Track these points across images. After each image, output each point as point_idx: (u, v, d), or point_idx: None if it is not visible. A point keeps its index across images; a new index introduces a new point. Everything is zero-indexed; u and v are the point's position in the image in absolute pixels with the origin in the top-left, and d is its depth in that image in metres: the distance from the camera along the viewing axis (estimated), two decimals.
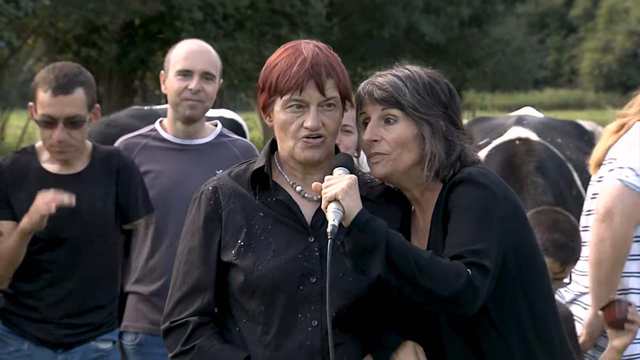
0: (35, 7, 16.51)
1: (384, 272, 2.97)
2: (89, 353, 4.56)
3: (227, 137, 4.96)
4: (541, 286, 3.24)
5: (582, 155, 7.25)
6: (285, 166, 3.26)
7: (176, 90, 4.76)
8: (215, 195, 3.24)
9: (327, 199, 3.00)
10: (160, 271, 4.74)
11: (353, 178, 3.04)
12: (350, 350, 3.15)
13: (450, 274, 2.98)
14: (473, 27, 31.40)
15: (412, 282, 2.98)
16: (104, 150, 4.62)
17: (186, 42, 4.90)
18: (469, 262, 3.01)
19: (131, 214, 4.61)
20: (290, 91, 3.13)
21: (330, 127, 3.17)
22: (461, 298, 2.99)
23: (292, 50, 3.19)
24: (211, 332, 3.18)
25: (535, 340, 3.17)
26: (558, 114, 39.66)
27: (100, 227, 4.50)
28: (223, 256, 3.19)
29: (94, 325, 4.54)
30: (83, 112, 4.41)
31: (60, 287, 4.47)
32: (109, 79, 22.48)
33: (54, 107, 4.37)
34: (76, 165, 4.53)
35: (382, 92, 3.20)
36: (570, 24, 68.85)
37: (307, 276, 3.14)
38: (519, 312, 3.16)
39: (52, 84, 4.38)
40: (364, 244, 2.98)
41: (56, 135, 4.38)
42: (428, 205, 3.24)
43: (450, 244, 3.07)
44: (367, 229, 2.98)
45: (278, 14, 22.27)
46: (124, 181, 4.56)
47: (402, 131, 3.20)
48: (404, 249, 3.00)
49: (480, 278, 3.01)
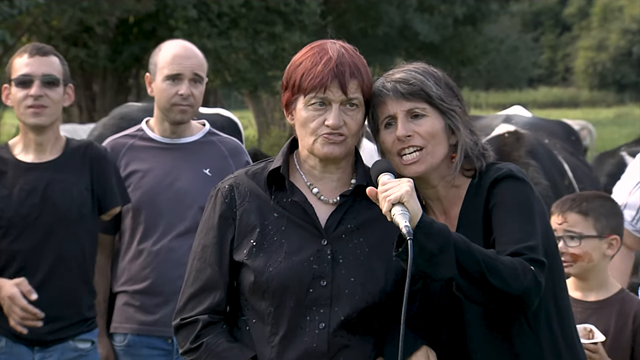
0: (29, 6, 16.49)
1: (455, 274, 2.94)
2: (67, 352, 4.55)
3: (215, 135, 4.95)
4: (563, 282, 3.27)
5: (569, 156, 7.29)
6: (304, 165, 3.25)
7: (166, 95, 4.74)
8: (231, 193, 3.24)
9: (391, 201, 2.95)
10: (147, 271, 4.73)
11: (412, 181, 3.02)
12: (357, 353, 3.15)
13: (518, 272, 2.97)
14: (467, 25, 31.36)
15: (481, 282, 2.95)
16: (77, 142, 4.67)
17: (171, 45, 4.85)
18: (529, 259, 3.01)
19: (107, 203, 4.61)
20: (314, 90, 3.13)
21: (351, 127, 3.16)
22: (529, 294, 2.99)
23: (318, 49, 3.18)
24: (220, 331, 3.19)
25: (561, 337, 3.19)
26: (552, 112, 39.72)
27: (74, 213, 4.50)
28: (235, 255, 3.20)
29: (72, 321, 4.53)
30: (59, 75, 4.50)
31: (33, 276, 4.44)
32: (103, 77, 22.46)
33: (31, 66, 4.48)
34: (49, 154, 4.56)
35: (409, 86, 3.18)
36: (564, 22, 68.84)
37: (317, 279, 3.13)
38: (548, 310, 3.17)
39: (28, 49, 4.53)
40: (431, 247, 2.92)
41: (33, 91, 4.45)
42: (453, 202, 3.23)
43: (504, 241, 3.06)
44: (433, 231, 2.94)
45: (272, 12, 22.23)
46: (98, 170, 4.58)
47: (433, 123, 3.18)
48: (470, 249, 2.97)
49: (541, 273, 3.01)
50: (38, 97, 4.45)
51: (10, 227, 4.46)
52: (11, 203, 4.47)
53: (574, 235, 4.07)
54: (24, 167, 4.53)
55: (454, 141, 3.23)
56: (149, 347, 4.78)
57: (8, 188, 4.48)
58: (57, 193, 4.49)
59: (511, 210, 3.10)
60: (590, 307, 4.00)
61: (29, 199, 4.47)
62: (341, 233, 3.18)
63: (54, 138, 4.57)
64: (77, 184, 4.54)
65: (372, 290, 3.14)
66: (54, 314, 4.48)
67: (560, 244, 4.04)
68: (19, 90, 4.48)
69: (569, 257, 4.05)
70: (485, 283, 2.96)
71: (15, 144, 4.61)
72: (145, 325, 4.76)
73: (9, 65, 4.56)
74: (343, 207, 3.21)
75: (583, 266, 4.08)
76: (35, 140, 4.55)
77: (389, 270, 3.16)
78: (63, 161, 4.56)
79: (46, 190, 4.48)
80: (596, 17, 63.71)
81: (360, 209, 3.21)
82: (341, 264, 3.15)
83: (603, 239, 4.10)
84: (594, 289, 4.09)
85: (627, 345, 4.01)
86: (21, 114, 4.51)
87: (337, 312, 3.13)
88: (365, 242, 3.18)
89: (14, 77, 4.51)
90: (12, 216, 4.46)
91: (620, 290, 4.14)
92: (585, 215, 4.10)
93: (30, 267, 4.46)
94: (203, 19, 21.30)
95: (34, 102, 4.46)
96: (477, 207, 3.16)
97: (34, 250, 4.46)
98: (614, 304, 4.06)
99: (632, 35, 57.63)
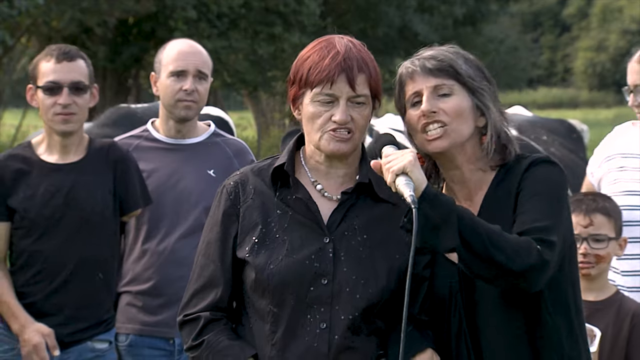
0: (28, 6, 16.48)
1: (457, 245, 2.93)
2: (85, 353, 4.55)
3: (220, 136, 4.96)
4: (578, 275, 3.26)
5: (568, 152, 7.28)
6: (310, 161, 3.23)
7: (171, 91, 4.75)
8: (235, 190, 3.23)
9: (394, 172, 2.94)
10: (151, 271, 4.74)
11: (414, 152, 3.00)
12: (360, 355, 3.13)
13: (522, 249, 2.95)
14: (467, 26, 31.37)
15: (484, 255, 2.94)
16: (100, 143, 4.67)
17: (177, 43, 4.89)
18: (538, 239, 2.98)
19: (129, 205, 4.62)
20: (321, 84, 3.10)
21: (358, 123, 3.13)
22: (532, 272, 2.96)
23: (325, 43, 3.16)
24: (222, 328, 3.18)
25: (578, 329, 3.18)
26: (552, 112, 39.70)
27: (98, 215, 4.51)
28: (238, 252, 3.19)
29: (91, 323, 4.54)
30: (86, 80, 4.51)
31: (54, 277, 4.47)
32: (102, 77, 22.46)
33: (59, 72, 4.48)
34: (73, 155, 4.57)
35: (438, 62, 3.16)
36: (564, 22, 68.84)
37: (318, 277, 3.11)
38: (567, 300, 3.16)
39: (55, 53, 4.51)
40: (435, 218, 2.91)
41: (62, 100, 4.45)
42: (478, 186, 3.20)
43: (522, 220, 3.04)
44: (437, 202, 2.93)
45: (272, 13, 22.23)
46: (120, 172, 4.59)
47: (459, 101, 3.15)
48: (475, 223, 2.96)
49: (549, 252, 2.98)
50: (67, 105, 4.46)
51: (33, 227, 4.47)
52: (35, 204, 4.47)
53: (602, 238, 4.05)
54: (48, 167, 4.53)
55: (482, 123, 3.19)
56: (150, 347, 4.78)
57: (32, 188, 4.48)
58: (81, 195, 4.49)
59: (539, 192, 3.08)
60: (590, 307, 4.00)
61: (53, 200, 4.47)
62: (344, 230, 3.16)
63: (78, 139, 4.58)
64: (101, 186, 4.54)
65: (374, 289, 3.11)
66: (75, 315, 4.50)
67: (584, 246, 4.03)
68: (47, 97, 4.48)
69: (592, 259, 4.04)
70: (488, 257, 2.94)
71: (39, 143, 4.61)
72: (147, 326, 4.77)
73: (34, 68, 4.55)
74: (346, 204, 3.19)
75: (602, 267, 4.08)
76: (61, 142, 4.56)
77: (392, 268, 3.13)
78: (87, 163, 4.56)
79: (70, 192, 4.49)
80: (596, 18, 63.73)
81: (363, 207, 3.19)
82: (343, 261, 3.13)
83: (618, 240, 4.11)
84: (595, 290, 4.09)
85: (623, 345, 4.01)
86: (49, 120, 4.51)
87: (337, 311, 3.11)
88: (368, 240, 3.16)
89: (41, 83, 4.50)
90: (35, 216, 4.47)
91: (617, 292, 4.14)
92: (609, 216, 4.09)
93: (52, 268, 4.47)
94: (202, 19, 21.30)
95: (63, 110, 4.47)
96: (508, 191, 3.13)
97: (56, 251, 4.47)
98: (612, 305, 4.06)
99: (631, 36, 57.61)
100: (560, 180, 3.14)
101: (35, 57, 4.67)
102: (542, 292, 3.09)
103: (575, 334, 3.17)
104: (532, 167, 3.13)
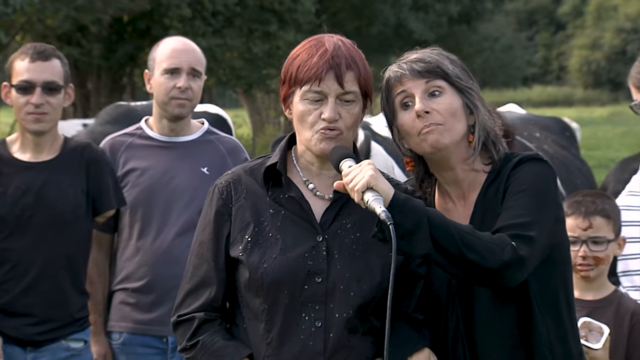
0: (23, 4, 16.47)
1: (430, 249, 2.93)
2: (59, 352, 4.54)
3: (214, 134, 4.95)
4: (572, 276, 3.26)
5: (561, 149, 7.29)
6: (301, 160, 3.23)
7: (164, 89, 4.75)
8: (227, 189, 3.22)
9: (359, 190, 2.94)
10: (144, 269, 4.74)
11: (371, 162, 3.00)
12: (355, 353, 3.12)
13: (495, 246, 2.95)
14: (462, 24, 31.41)
15: (458, 257, 2.94)
16: (75, 143, 4.66)
17: (170, 40, 4.89)
18: (514, 234, 2.98)
19: (102, 205, 4.60)
20: (310, 81, 3.10)
21: (347, 121, 3.13)
22: (507, 269, 2.96)
23: (315, 42, 3.17)
24: (216, 329, 3.18)
25: (569, 324, 3.19)
26: (546, 110, 39.72)
27: (69, 214, 4.49)
28: (231, 252, 3.18)
29: (64, 322, 4.52)
30: (60, 81, 4.48)
31: (24, 275, 4.44)
32: (97, 75, 22.45)
33: (32, 72, 4.46)
34: (46, 154, 4.55)
35: (426, 64, 3.18)
36: (558, 21, 68.91)
37: (312, 275, 3.11)
38: (558, 297, 3.16)
39: (30, 52, 4.49)
40: (406, 225, 2.91)
41: (34, 100, 4.43)
42: (472, 187, 3.20)
43: (501, 217, 3.05)
44: (407, 208, 2.93)
45: (267, 11, 22.23)
46: (94, 172, 4.58)
47: (451, 100, 3.16)
48: (446, 225, 2.95)
49: (525, 248, 2.98)
50: (39, 105, 4.45)
51: (3, 225, 4.45)
52: (5, 201, 4.46)
53: (601, 240, 4.05)
54: (21, 165, 4.52)
55: (472, 121, 3.20)
56: (144, 345, 4.78)
57: (3, 186, 4.47)
58: (52, 194, 4.48)
59: (524, 188, 3.08)
60: (589, 305, 3.99)
61: (24, 198, 4.46)
62: (337, 229, 3.16)
63: (52, 138, 4.57)
64: (73, 185, 4.53)
65: (368, 286, 3.11)
66: (45, 314, 4.48)
67: (583, 248, 4.03)
68: (20, 96, 4.47)
69: (591, 261, 4.04)
70: (461, 258, 2.94)
71: (13, 141, 4.60)
72: (140, 324, 4.77)
73: (9, 66, 4.54)
74: (338, 202, 3.19)
75: (602, 269, 4.07)
76: (34, 141, 4.54)
77: (385, 265, 3.12)
78: (60, 162, 4.55)
79: (41, 190, 4.48)
80: (590, 16, 63.79)
81: (355, 206, 3.15)
82: (336, 259, 3.13)
83: (617, 240, 4.10)
84: (593, 289, 4.08)
85: (623, 343, 4.01)
86: (22, 119, 4.51)
87: (332, 309, 3.10)
88: (361, 238, 3.15)
89: (15, 82, 4.49)
90: (5, 214, 4.45)
91: (615, 290, 4.13)
92: (608, 218, 4.08)
93: (22, 266, 4.45)
94: (197, 17, 21.29)
95: (35, 109, 4.45)
96: (497, 190, 3.14)
97: (26, 249, 4.45)
98: (611, 303, 4.05)
99: (626, 34, 57.71)
100: (547, 177, 3.13)
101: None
102: (532, 288, 3.09)
103: (564, 329, 3.17)
104: (519, 165, 3.13)
